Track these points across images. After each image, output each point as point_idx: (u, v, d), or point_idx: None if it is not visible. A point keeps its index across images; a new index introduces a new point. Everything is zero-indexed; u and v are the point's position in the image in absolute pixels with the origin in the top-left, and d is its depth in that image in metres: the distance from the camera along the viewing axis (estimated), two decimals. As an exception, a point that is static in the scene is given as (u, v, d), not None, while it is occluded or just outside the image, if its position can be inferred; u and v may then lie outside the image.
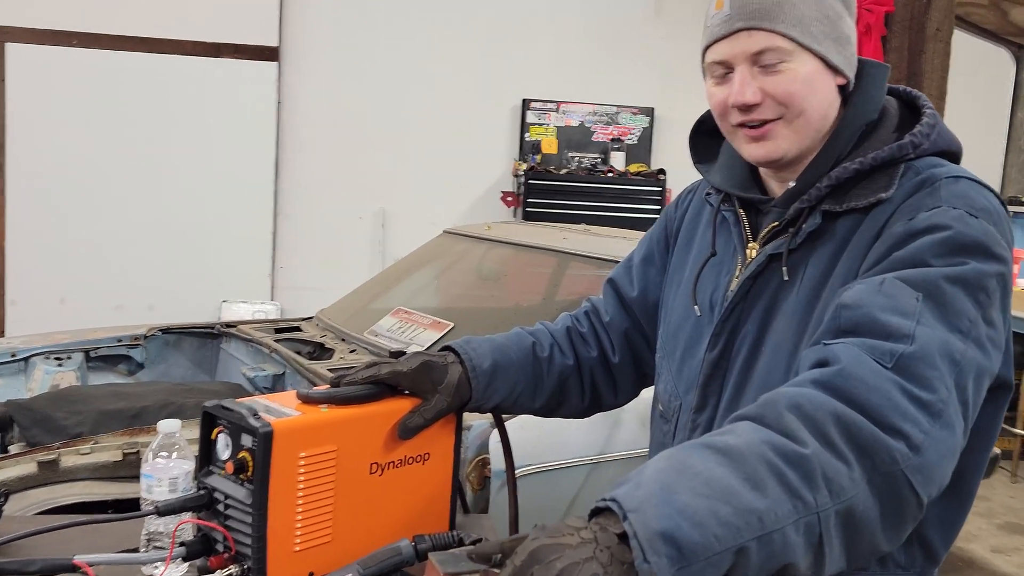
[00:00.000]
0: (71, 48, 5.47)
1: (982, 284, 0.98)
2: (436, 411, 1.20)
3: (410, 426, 1.18)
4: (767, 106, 1.11)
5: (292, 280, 5.99)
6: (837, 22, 1.10)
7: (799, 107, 1.10)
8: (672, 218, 1.41)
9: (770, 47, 1.08)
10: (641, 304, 1.41)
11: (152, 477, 1.18)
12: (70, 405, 2.27)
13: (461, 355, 1.26)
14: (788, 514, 0.80)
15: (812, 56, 1.09)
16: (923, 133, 1.10)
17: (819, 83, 1.11)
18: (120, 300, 5.54)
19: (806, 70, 1.09)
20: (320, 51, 5.89)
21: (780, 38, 1.08)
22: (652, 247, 1.43)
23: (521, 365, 1.32)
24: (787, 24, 1.07)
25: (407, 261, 3.59)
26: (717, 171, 1.28)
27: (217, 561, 1.10)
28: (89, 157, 5.54)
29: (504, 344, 1.32)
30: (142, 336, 2.97)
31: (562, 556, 0.74)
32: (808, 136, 1.13)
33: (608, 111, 6.22)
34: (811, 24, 1.08)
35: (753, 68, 1.10)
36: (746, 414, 0.89)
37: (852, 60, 1.14)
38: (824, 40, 1.09)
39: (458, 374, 1.23)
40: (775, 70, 1.09)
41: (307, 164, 5.94)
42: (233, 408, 1.11)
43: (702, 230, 1.32)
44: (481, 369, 1.26)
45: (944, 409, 0.90)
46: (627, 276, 1.45)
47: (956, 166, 1.12)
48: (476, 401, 1.26)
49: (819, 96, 1.11)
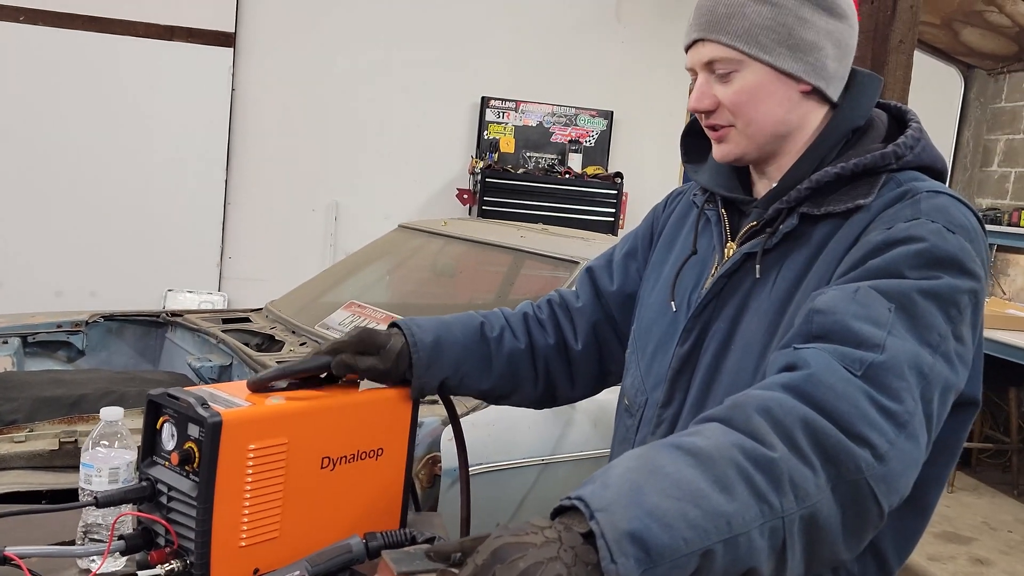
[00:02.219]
0: (17, 24, 5.30)
1: (954, 300, 0.99)
2: (370, 365, 1.19)
3: (344, 362, 1.18)
4: (721, 113, 1.15)
5: (240, 271, 5.88)
6: (797, 29, 1.10)
7: (747, 116, 1.13)
8: (658, 217, 1.42)
9: (717, 58, 1.12)
10: (618, 298, 1.41)
11: (92, 466, 1.13)
12: (5, 391, 2.19)
13: (403, 329, 1.26)
14: (755, 518, 0.79)
15: (761, 65, 1.11)
16: (907, 144, 1.11)
17: (769, 91, 1.12)
18: (60, 286, 5.38)
19: (754, 79, 1.12)
20: (277, 39, 5.79)
21: (726, 49, 1.11)
22: (636, 243, 1.43)
23: (466, 344, 1.31)
24: (731, 35, 1.10)
25: (361, 254, 3.54)
26: (705, 171, 1.28)
27: (158, 556, 1.06)
28: (31, 137, 5.37)
29: (449, 322, 1.32)
30: (83, 322, 2.88)
31: (525, 555, 0.72)
32: (763, 140, 1.15)
33: (567, 112, 6.23)
34: (760, 34, 1.10)
35: (711, 76, 1.14)
36: (714, 415, 0.88)
37: (820, 66, 1.13)
38: (775, 48, 1.10)
39: (400, 344, 1.23)
40: (727, 79, 1.13)
41: (260, 154, 5.83)
42: (180, 396, 1.07)
43: (686, 230, 1.33)
44: (423, 343, 1.25)
45: (910, 420, 0.90)
46: (607, 269, 1.44)
47: (937, 182, 1.12)
48: (419, 377, 1.24)
49: (769, 104, 1.13)
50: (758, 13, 1.10)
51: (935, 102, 6.48)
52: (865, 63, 2.23)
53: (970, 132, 6.63)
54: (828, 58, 1.13)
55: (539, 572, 0.71)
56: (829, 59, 1.13)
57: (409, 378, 1.25)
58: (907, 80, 2.16)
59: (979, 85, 6.58)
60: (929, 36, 5.92)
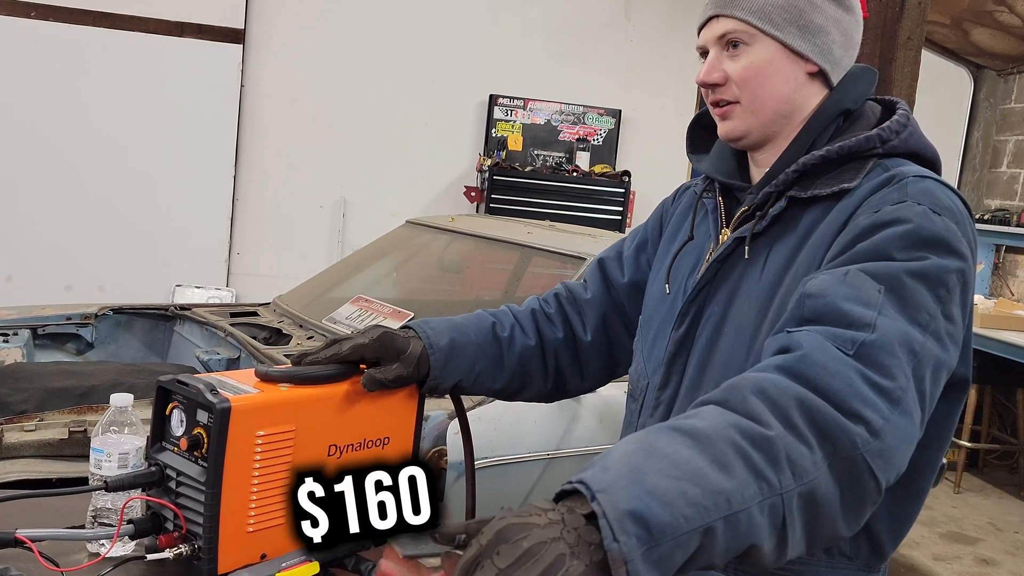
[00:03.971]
0: (28, 20, 5.33)
1: (942, 279, 1.01)
2: (396, 375, 1.19)
3: (376, 378, 1.17)
4: (728, 87, 1.18)
5: (248, 267, 5.90)
6: (808, 11, 1.15)
7: (753, 91, 1.16)
8: (667, 209, 1.44)
9: (730, 31, 1.16)
10: (628, 289, 1.42)
11: (102, 452, 1.14)
12: (15, 382, 2.21)
13: (418, 332, 1.26)
14: (754, 495, 0.80)
15: (772, 41, 1.15)
16: (892, 129, 1.13)
17: (777, 68, 1.16)
18: (69, 280, 5.41)
19: (764, 54, 1.15)
20: (286, 36, 5.80)
21: (739, 23, 1.15)
22: (647, 235, 1.45)
23: (480, 345, 1.32)
24: (745, 10, 1.15)
25: (368, 250, 3.55)
26: (707, 160, 1.31)
27: (167, 540, 1.07)
28: (42, 133, 5.39)
29: (462, 324, 1.33)
30: (92, 315, 2.90)
31: (529, 535, 0.73)
32: (766, 117, 1.18)
33: (575, 111, 6.23)
34: (773, 11, 1.14)
35: (722, 52, 1.18)
36: (711, 398, 0.90)
37: (826, 49, 1.16)
38: (786, 27, 1.14)
39: (420, 348, 1.24)
40: (736, 53, 1.17)
41: (268, 150, 5.85)
42: (190, 383, 1.08)
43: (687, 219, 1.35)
44: (438, 346, 1.26)
45: (903, 397, 0.92)
46: (617, 261, 1.46)
47: (923, 168, 1.14)
48: (435, 379, 1.25)
49: (776, 80, 1.16)
50: None
51: (944, 102, 6.47)
52: (873, 59, 2.23)
53: (979, 133, 6.61)
54: (835, 44, 1.17)
55: (543, 551, 0.72)
56: (836, 45, 1.17)
57: (426, 378, 1.25)
58: (915, 77, 2.16)
59: (989, 86, 6.56)
60: (939, 36, 5.91)
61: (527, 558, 0.71)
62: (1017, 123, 6.36)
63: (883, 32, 2.16)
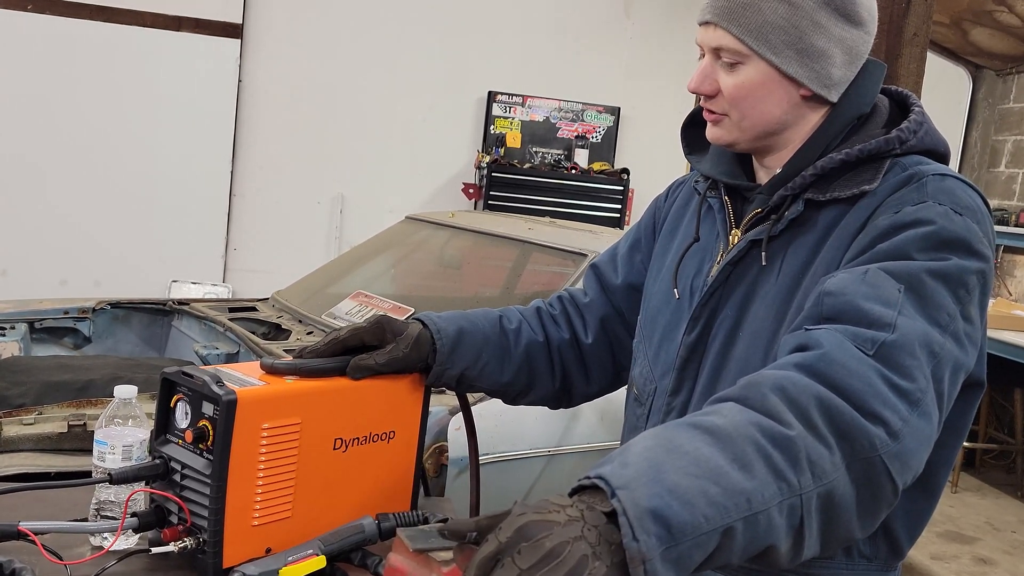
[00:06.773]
0: (25, 13, 5.30)
1: (963, 280, 0.99)
2: (389, 356, 1.18)
3: (361, 364, 1.16)
4: (719, 100, 1.14)
5: (245, 263, 5.87)
6: (809, 34, 1.09)
7: (742, 110, 1.13)
8: (660, 207, 1.42)
9: (724, 47, 1.11)
10: (624, 291, 1.41)
11: (105, 444, 1.13)
12: (12, 375, 2.19)
13: (425, 320, 1.26)
14: (774, 495, 0.79)
15: (766, 64, 1.10)
16: (910, 129, 1.11)
17: (770, 90, 1.11)
18: (65, 275, 5.38)
19: (756, 76, 1.11)
20: (284, 31, 5.78)
21: (735, 40, 1.10)
22: (640, 235, 1.43)
23: (487, 334, 1.31)
24: (743, 28, 1.09)
25: (368, 245, 3.54)
26: (707, 160, 1.28)
27: (171, 533, 1.06)
28: (37, 126, 5.37)
29: (469, 314, 1.32)
30: (90, 309, 2.88)
31: (551, 534, 0.71)
32: (755, 134, 1.15)
33: (574, 108, 6.22)
34: (771, 32, 1.08)
35: (716, 62, 1.13)
36: (729, 395, 0.88)
37: (824, 75, 1.11)
38: (783, 50, 1.09)
39: (418, 330, 1.23)
40: (731, 69, 1.12)
41: (266, 146, 5.83)
42: (195, 375, 1.07)
43: (688, 218, 1.32)
44: (446, 333, 1.25)
45: (922, 398, 0.90)
46: (611, 264, 1.45)
47: (942, 165, 1.12)
48: (440, 364, 1.24)
49: (768, 103, 1.12)
50: (774, 11, 1.08)
51: (943, 102, 6.46)
52: (879, 56, 2.21)
53: (978, 133, 6.61)
54: (835, 66, 1.11)
55: (566, 551, 0.70)
56: (836, 67, 1.12)
57: (431, 364, 1.24)
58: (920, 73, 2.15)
59: (987, 85, 6.57)
60: (938, 35, 5.91)
61: (551, 558, 0.70)
62: (1016, 123, 6.36)
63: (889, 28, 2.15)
